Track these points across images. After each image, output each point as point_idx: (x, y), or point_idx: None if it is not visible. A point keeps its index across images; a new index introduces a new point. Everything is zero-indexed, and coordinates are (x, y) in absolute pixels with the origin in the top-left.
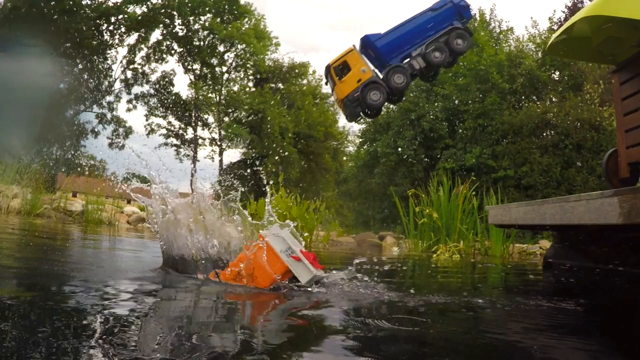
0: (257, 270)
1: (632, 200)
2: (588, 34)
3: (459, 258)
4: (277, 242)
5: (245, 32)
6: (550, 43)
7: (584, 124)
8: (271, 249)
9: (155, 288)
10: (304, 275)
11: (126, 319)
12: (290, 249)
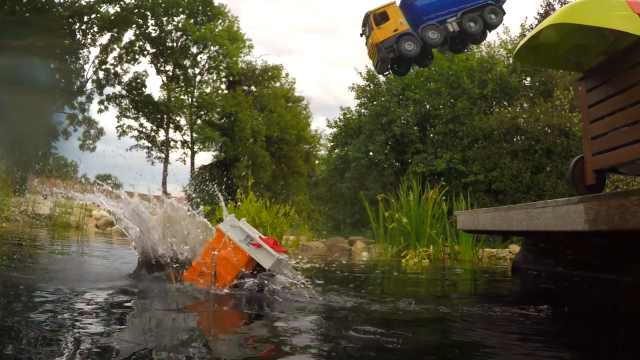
0: (220, 265)
1: (598, 207)
2: (555, 42)
3: (428, 263)
4: (235, 232)
5: (218, 33)
6: (517, 50)
7: (554, 130)
8: (229, 239)
9: (127, 298)
10: (267, 261)
11: (95, 333)
12: (249, 237)
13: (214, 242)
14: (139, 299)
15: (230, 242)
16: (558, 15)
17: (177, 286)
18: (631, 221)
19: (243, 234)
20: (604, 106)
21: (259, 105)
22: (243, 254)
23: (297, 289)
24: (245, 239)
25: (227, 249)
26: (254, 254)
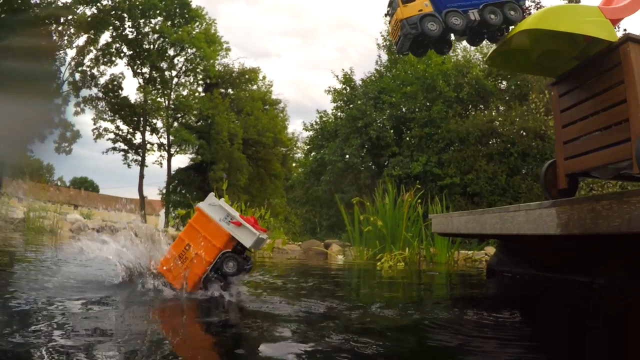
0: (199, 243)
1: (570, 212)
2: (527, 47)
3: (403, 266)
4: (215, 211)
5: (195, 36)
6: (489, 55)
7: (529, 133)
8: (210, 218)
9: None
10: (248, 239)
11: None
12: (230, 215)
13: (193, 221)
14: (113, 309)
15: (211, 222)
16: (530, 21)
17: (153, 283)
18: (602, 225)
19: (223, 213)
20: (575, 111)
21: (235, 108)
22: (223, 232)
23: (268, 294)
24: (225, 217)
25: (207, 226)
26: (235, 232)
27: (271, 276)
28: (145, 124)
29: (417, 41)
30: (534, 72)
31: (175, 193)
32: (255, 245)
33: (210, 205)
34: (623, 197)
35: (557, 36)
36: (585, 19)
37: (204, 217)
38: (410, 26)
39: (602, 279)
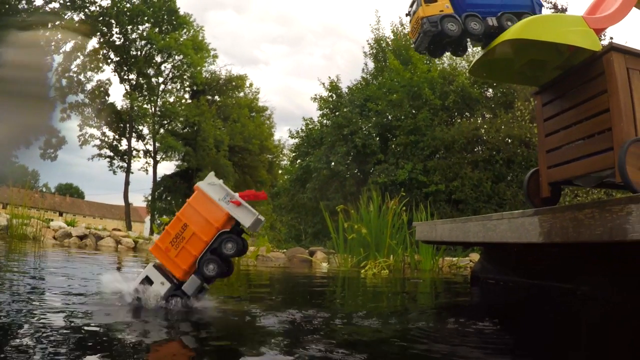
0: (196, 223)
1: (552, 220)
2: (510, 57)
3: (387, 273)
4: (215, 190)
5: (183, 43)
6: (472, 65)
7: (515, 140)
8: (208, 197)
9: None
10: (247, 219)
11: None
12: (229, 194)
13: (192, 200)
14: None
15: (210, 201)
16: (513, 31)
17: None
18: (584, 234)
19: (223, 192)
20: (559, 120)
21: (222, 115)
22: (222, 212)
23: (251, 303)
24: (225, 197)
25: (206, 205)
26: (234, 212)
27: (254, 285)
28: (131, 130)
29: (436, 40)
30: (518, 81)
31: (160, 200)
32: (254, 225)
33: (210, 185)
34: (605, 206)
35: (541, 46)
36: (569, 28)
37: (203, 196)
38: (431, 24)
39: (585, 286)
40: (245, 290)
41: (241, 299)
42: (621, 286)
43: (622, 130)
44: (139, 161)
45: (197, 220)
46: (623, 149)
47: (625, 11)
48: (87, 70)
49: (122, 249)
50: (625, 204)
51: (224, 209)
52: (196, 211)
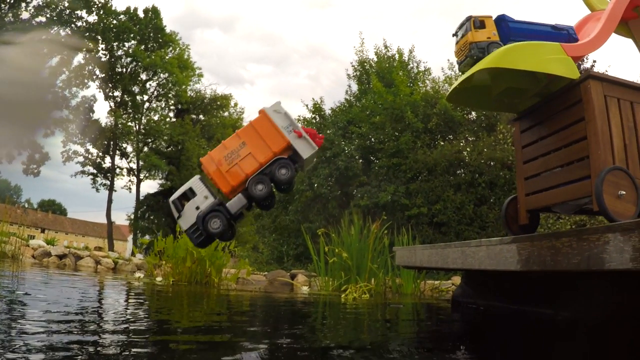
0: (254, 143)
1: (530, 248)
2: (488, 84)
3: (368, 297)
4: (279, 118)
5: (168, 61)
6: (450, 93)
7: (497, 163)
8: (273, 123)
9: None
10: (306, 151)
11: None
12: (293, 124)
13: (254, 122)
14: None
15: (273, 126)
16: (490, 59)
17: None
18: (562, 262)
19: (287, 121)
20: (537, 147)
21: (206, 135)
22: (283, 139)
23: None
24: (288, 126)
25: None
26: (295, 142)
27: (233, 311)
28: (115, 148)
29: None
30: (496, 108)
31: (143, 219)
32: (310, 159)
33: (276, 112)
34: (583, 234)
35: (518, 74)
36: (546, 56)
37: (267, 121)
38: (479, 50)
39: (566, 311)
40: (220, 318)
41: (215, 328)
42: (602, 310)
43: (600, 158)
44: (123, 179)
45: (256, 141)
46: (600, 177)
47: (604, 39)
48: (72, 86)
49: (102, 270)
50: (603, 233)
51: (286, 137)
52: (257, 133)
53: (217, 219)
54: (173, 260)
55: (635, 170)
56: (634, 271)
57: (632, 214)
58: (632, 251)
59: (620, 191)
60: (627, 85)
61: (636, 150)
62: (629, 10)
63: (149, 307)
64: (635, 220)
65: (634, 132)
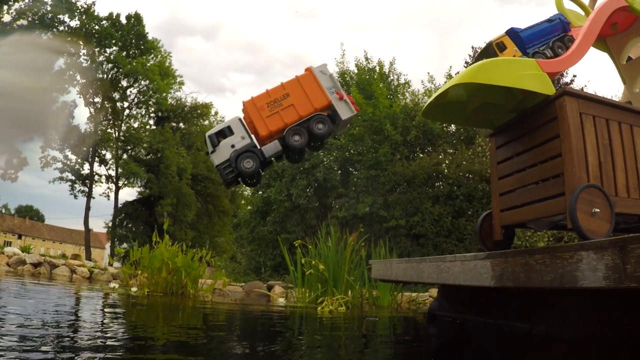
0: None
1: (504, 264)
2: (463, 99)
3: (344, 310)
4: (324, 78)
5: (149, 68)
6: (425, 108)
7: (475, 176)
8: (317, 82)
9: None
10: (345, 113)
11: None
12: (336, 87)
13: (301, 78)
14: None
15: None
16: (465, 74)
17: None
18: (535, 279)
19: (331, 83)
20: (512, 163)
21: (186, 143)
22: (325, 98)
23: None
24: (331, 87)
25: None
26: (335, 102)
27: (207, 327)
28: (94, 154)
29: None
30: (471, 124)
31: (121, 227)
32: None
33: (322, 72)
34: (556, 252)
35: (494, 89)
36: (522, 72)
37: (313, 78)
38: None
39: (541, 325)
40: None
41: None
42: (577, 326)
43: (574, 175)
44: (101, 186)
45: (299, 95)
46: (574, 195)
47: (580, 55)
48: (52, 91)
49: (77, 279)
50: (576, 251)
51: (328, 97)
52: (302, 88)
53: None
54: (149, 270)
55: (610, 188)
56: (607, 289)
57: (606, 232)
58: (605, 269)
59: (594, 209)
60: (602, 103)
61: (611, 167)
62: (607, 27)
63: (124, 320)
64: (608, 239)
65: (609, 150)
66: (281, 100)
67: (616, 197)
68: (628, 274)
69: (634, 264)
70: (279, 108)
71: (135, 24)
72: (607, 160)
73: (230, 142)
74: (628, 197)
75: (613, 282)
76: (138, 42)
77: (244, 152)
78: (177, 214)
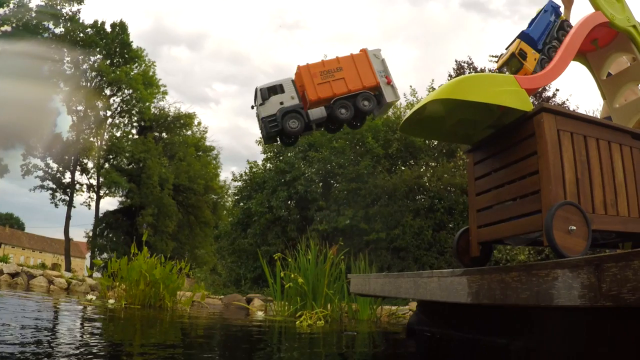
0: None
1: (480, 281)
2: (442, 115)
3: (323, 324)
4: (376, 61)
5: (133, 77)
6: (403, 123)
7: (456, 189)
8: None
9: None
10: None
11: None
12: (386, 71)
13: (355, 56)
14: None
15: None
16: (443, 90)
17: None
18: (511, 297)
19: (382, 66)
20: (489, 179)
21: (168, 153)
22: (374, 78)
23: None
24: (381, 71)
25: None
26: (383, 85)
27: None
28: (75, 163)
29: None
30: (449, 139)
31: (102, 237)
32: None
33: (375, 56)
34: (532, 269)
35: (471, 105)
36: (499, 88)
37: (366, 59)
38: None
39: (519, 340)
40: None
41: None
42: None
43: (551, 192)
44: (82, 195)
45: (351, 71)
46: (550, 212)
47: (559, 71)
48: (36, 99)
49: (55, 289)
50: (552, 269)
51: (377, 78)
52: (354, 65)
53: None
54: (127, 282)
55: (587, 205)
56: (582, 308)
57: (583, 249)
58: (580, 288)
59: (570, 226)
60: (580, 119)
61: (589, 184)
62: (587, 42)
63: (100, 335)
64: (584, 257)
65: (586, 166)
66: (334, 72)
67: (593, 214)
68: (603, 292)
69: (609, 282)
70: (330, 78)
71: (120, 33)
72: (585, 177)
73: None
74: (605, 214)
75: (588, 300)
76: (122, 51)
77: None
78: (158, 224)
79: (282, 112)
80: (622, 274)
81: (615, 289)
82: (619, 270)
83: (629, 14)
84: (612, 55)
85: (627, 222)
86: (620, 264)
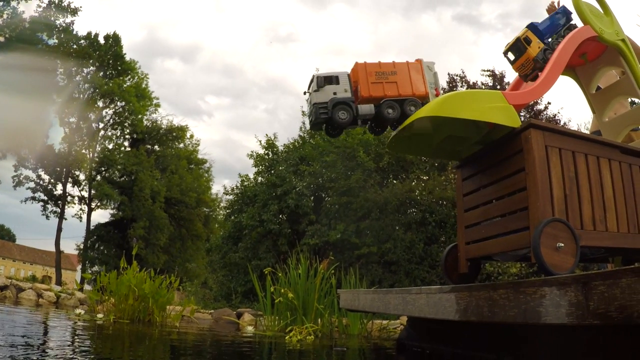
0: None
1: (468, 298)
2: (429, 132)
3: (312, 339)
4: (429, 73)
5: (126, 89)
6: (390, 141)
7: (448, 202)
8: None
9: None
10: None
11: None
12: (436, 84)
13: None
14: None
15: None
16: (431, 107)
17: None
18: (499, 314)
19: (433, 79)
20: (478, 196)
21: (160, 166)
22: (424, 89)
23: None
24: (432, 83)
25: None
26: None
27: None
28: (67, 175)
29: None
30: (438, 156)
31: (93, 249)
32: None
33: (428, 68)
34: (520, 287)
35: (459, 122)
36: (487, 105)
37: (419, 69)
38: (542, 61)
39: (509, 356)
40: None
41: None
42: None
43: (539, 209)
44: (74, 207)
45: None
46: (538, 230)
47: (547, 86)
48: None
49: (44, 303)
50: (539, 287)
51: (427, 89)
52: (408, 73)
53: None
54: (116, 296)
55: (576, 221)
56: (570, 326)
57: (571, 266)
58: (568, 306)
59: (558, 243)
60: (569, 135)
61: (577, 200)
62: (576, 57)
63: (87, 352)
64: (572, 275)
65: (575, 182)
66: (388, 75)
67: (582, 230)
68: (590, 310)
69: (596, 300)
70: (383, 80)
71: (113, 44)
72: (573, 193)
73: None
74: (594, 230)
75: (576, 318)
76: (115, 63)
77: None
78: (149, 237)
79: (334, 102)
80: (609, 292)
81: (602, 307)
82: (606, 288)
83: (618, 27)
84: (601, 69)
85: (617, 237)
86: (607, 282)
